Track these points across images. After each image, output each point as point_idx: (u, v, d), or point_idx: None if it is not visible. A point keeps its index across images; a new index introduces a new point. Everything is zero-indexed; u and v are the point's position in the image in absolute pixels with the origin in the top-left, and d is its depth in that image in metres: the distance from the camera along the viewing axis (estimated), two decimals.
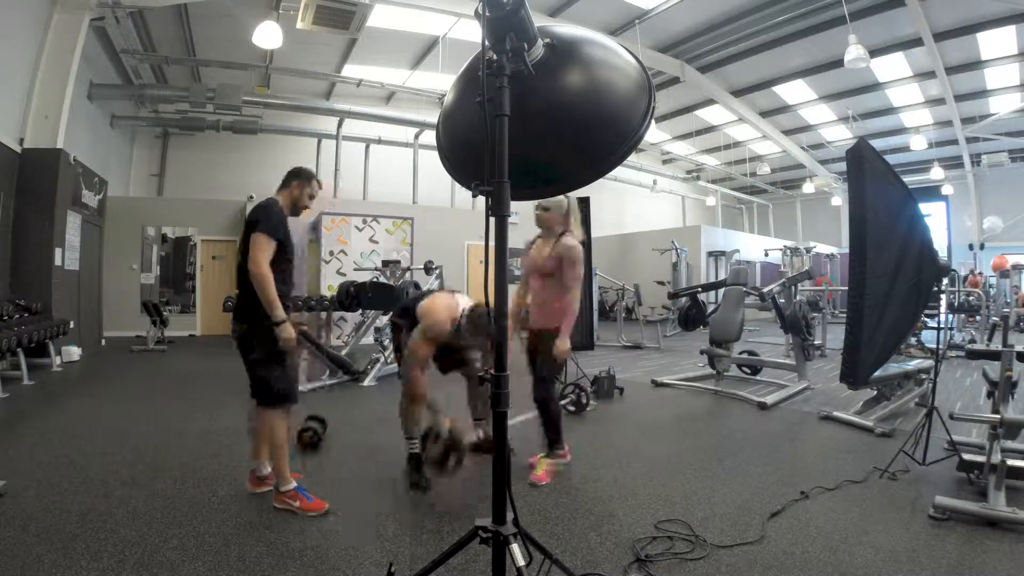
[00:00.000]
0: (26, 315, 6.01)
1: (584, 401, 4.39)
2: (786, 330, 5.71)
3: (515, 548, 1.50)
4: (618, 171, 16.02)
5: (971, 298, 9.61)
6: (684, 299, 8.29)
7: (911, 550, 2.17)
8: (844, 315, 11.78)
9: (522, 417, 3.43)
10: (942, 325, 4.69)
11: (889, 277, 3.09)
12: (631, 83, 1.59)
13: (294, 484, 2.48)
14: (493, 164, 1.43)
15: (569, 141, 1.54)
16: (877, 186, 3.10)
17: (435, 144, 1.93)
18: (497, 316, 1.53)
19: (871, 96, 12.72)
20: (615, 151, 1.57)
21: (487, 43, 1.46)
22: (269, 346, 2.44)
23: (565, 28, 1.69)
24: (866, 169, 3.06)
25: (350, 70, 11.30)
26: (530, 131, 1.50)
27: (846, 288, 11.62)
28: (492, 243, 1.49)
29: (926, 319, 5.81)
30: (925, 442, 3.07)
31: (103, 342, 8.48)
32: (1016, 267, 12.11)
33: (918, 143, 13.45)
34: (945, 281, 7.80)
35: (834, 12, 8.96)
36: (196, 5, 8.30)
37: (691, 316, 7.08)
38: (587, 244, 3.22)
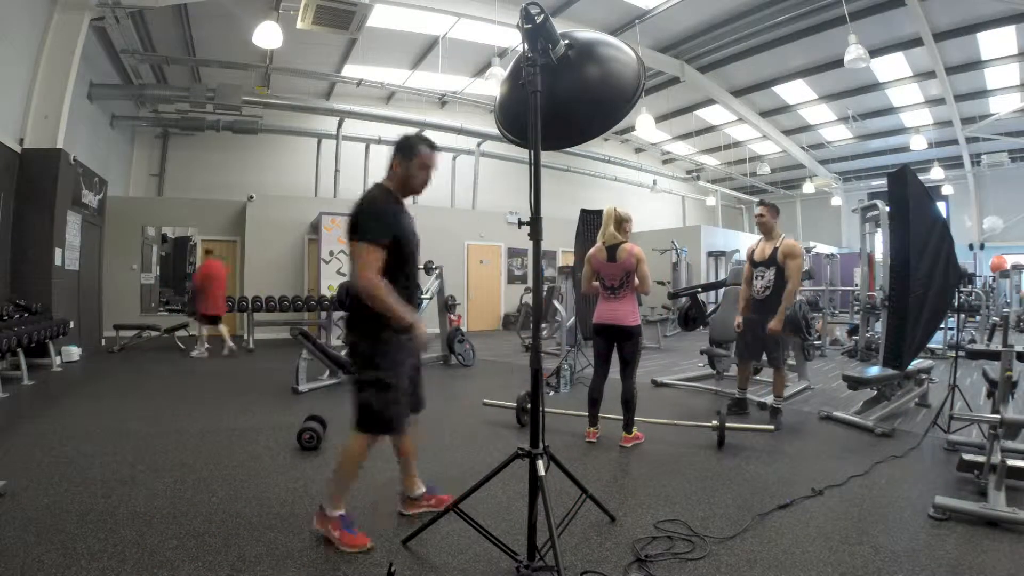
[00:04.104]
0: (26, 315, 6.01)
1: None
2: (786, 330, 5.71)
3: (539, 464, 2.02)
4: (618, 171, 16.07)
5: (971, 298, 9.62)
6: (684, 299, 8.29)
7: (911, 550, 2.17)
8: (844, 315, 11.69)
9: None
10: (952, 325, 5.08)
11: (925, 280, 3.58)
12: (626, 68, 2.24)
13: (341, 512, 2.20)
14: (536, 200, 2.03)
15: (585, 108, 2.25)
16: (917, 203, 3.63)
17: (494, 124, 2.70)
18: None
19: (871, 96, 12.71)
20: (615, 115, 2.29)
21: (526, 46, 2.08)
22: (378, 364, 2.16)
23: (581, 32, 2.38)
24: (910, 193, 3.60)
25: (350, 70, 11.29)
26: (559, 103, 2.13)
27: (847, 288, 11.44)
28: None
29: None
30: (949, 415, 3.54)
31: (103, 342, 8.48)
32: (1016, 267, 12.11)
33: (918, 143, 13.45)
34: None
35: (834, 12, 8.95)
36: (196, 5, 8.30)
37: (691, 316, 7.09)
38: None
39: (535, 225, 2.02)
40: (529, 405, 4.20)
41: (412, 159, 2.26)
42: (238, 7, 8.54)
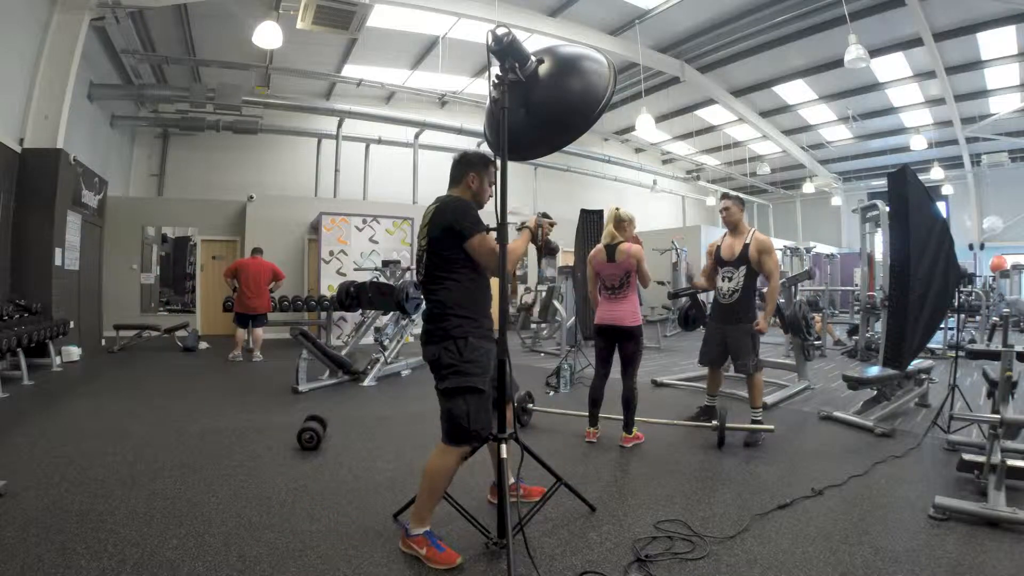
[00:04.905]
0: (26, 315, 6.01)
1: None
2: (786, 330, 5.72)
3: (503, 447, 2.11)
4: (618, 171, 16.05)
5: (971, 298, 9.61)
6: (684, 299, 8.28)
7: (911, 550, 2.17)
8: (844, 315, 11.67)
9: None
10: (952, 325, 5.14)
11: (925, 280, 3.59)
12: (596, 75, 2.29)
13: (426, 529, 2.11)
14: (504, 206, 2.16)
15: (558, 114, 2.31)
16: (917, 203, 3.64)
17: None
18: None
19: (871, 96, 12.71)
20: (588, 116, 2.26)
21: (496, 63, 2.20)
22: (468, 371, 2.10)
23: (558, 48, 2.46)
24: (910, 192, 3.62)
25: (350, 70, 11.29)
26: (535, 113, 2.27)
27: (847, 288, 11.44)
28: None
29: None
30: (949, 415, 3.56)
31: (103, 342, 8.47)
32: (1016, 267, 12.10)
33: (918, 143, 13.44)
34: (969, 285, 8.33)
35: (834, 12, 8.95)
36: (196, 5, 8.29)
37: (691, 316, 7.07)
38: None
39: (502, 231, 2.10)
40: (528, 404, 4.23)
41: (486, 174, 2.34)
42: (238, 7, 8.54)
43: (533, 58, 2.29)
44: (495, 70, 2.21)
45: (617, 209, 3.73)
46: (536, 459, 2.41)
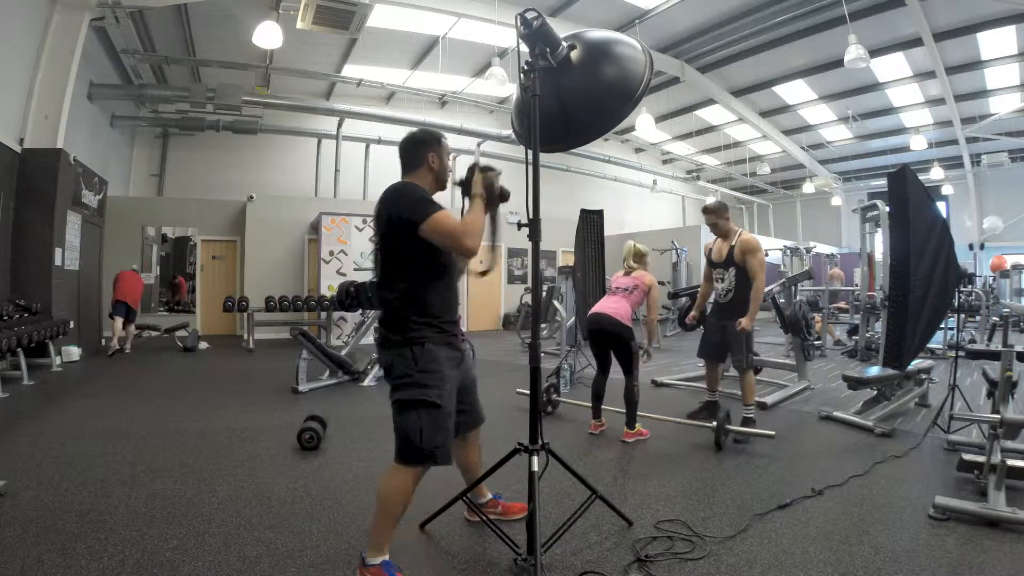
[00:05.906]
0: (26, 315, 6.01)
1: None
2: (786, 330, 5.71)
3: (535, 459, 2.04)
4: (618, 171, 16.06)
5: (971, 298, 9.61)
6: (684, 299, 8.29)
7: (911, 550, 2.17)
8: (844, 315, 11.65)
9: None
10: (952, 325, 5.15)
11: (925, 280, 3.63)
12: (631, 61, 2.19)
13: (384, 559, 1.88)
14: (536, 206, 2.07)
15: (596, 101, 2.22)
16: (917, 203, 3.66)
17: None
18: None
19: (871, 96, 12.72)
20: (626, 103, 2.18)
21: (526, 49, 2.12)
22: (421, 381, 1.90)
23: (587, 32, 2.36)
24: (910, 192, 3.63)
25: (350, 70, 11.30)
26: (563, 104, 2.19)
27: (849, 288, 11.45)
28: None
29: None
30: (949, 415, 3.55)
31: (103, 342, 8.47)
32: (1016, 267, 12.11)
33: (918, 143, 13.45)
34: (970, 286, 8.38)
35: (834, 12, 8.96)
36: (196, 5, 8.30)
37: None
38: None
39: (534, 226, 2.03)
40: (544, 399, 4.29)
41: (443, 151, 2.14)
42: (238, 7, 8.54)
43: (564, 44, 2.19)
44: (524, 56, 2.12)
45: (634, 244, 3.95)
46: (571, 471, 2.34)
